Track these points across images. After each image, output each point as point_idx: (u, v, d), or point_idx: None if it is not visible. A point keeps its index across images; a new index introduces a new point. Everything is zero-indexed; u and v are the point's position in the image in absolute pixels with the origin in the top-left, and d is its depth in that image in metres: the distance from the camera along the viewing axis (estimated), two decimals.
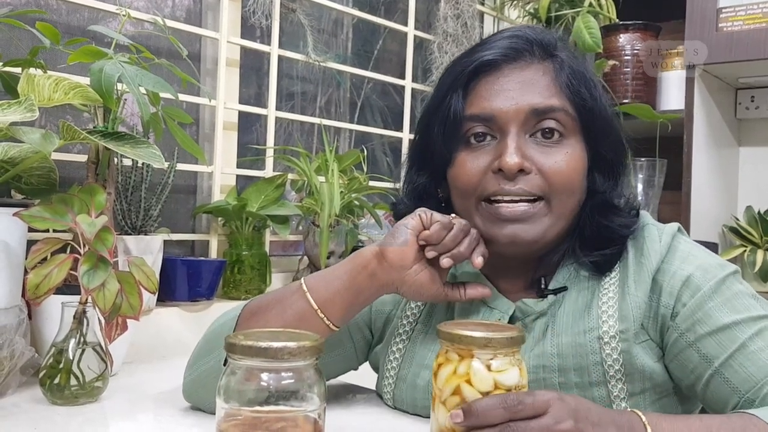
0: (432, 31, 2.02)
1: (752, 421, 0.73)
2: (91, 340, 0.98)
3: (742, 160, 2.12)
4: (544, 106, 0.86)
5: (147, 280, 0.97)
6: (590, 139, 0.89)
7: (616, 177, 0.91)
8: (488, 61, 0.88)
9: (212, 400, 0.90)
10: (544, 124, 0.86)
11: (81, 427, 0.90)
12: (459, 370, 0.66)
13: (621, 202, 0.91)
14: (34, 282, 0.92)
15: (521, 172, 0.84)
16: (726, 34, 1.79)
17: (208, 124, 1.65)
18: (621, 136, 0.92)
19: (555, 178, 0.85)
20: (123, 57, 1.08)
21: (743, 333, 0.80)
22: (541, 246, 0.87)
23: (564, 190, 0.86)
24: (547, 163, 0.85)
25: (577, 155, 0.87)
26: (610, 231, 0.89)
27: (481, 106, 0.87)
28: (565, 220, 0.87)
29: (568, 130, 0.87)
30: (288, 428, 0.59)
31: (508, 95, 0.86)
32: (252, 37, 1.70)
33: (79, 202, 0.97)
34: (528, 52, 0.88)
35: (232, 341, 0.59)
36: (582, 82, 0.88)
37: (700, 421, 0.73)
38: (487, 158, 0.87)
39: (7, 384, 0.99)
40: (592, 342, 0.85)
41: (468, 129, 0.88)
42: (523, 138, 0.86)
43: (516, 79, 0.87)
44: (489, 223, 0.87)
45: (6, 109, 0.91)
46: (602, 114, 0.89)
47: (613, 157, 0.90)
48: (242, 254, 1.50)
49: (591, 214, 0.89)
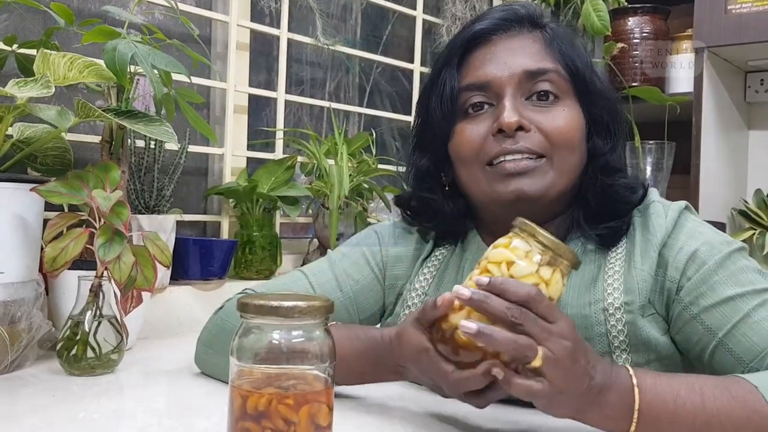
0: (441, 15, 2.03)
1: (738, 381, 0.74)
2: (107, 313, 1.00)
3: (751, 144, 2.12)
4: (537, 68, 0.88)
5: (161, 253, 0.99)
6: (585, 102, 0.91)
7: (614, 139, 0.92)
8: (480, 31, 0.91)
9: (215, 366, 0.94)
10: (539, 87, 0.88)
11: (97, 396, 0.92)
12: (543, 275, 0.70)
13: (624, 166, 0.92)
14: (51, 255, 0.94)
15: (521, 130, 0.86)
16: (735, 16, 1.78)
17: (219, 107, 1.66)
18: (615, 101, 0.94)
19: (555, 134, 0.87)
20: (136, 37, 1.10)
21: (747, 304, 0.81)
22: (546, 203, 0.88)
23: (565, 146, 0.87)
24: (545, 121, 0.87)
25: (574, 114, 0.89)
26: (614, 192, 0.90)
27: (475, 75, 0.89)
28: (567, 177, 0.88)
29: (562, 92, 0.89)
30: (299, 386, 0.60)
31: (500, 61, 0.89)
32: (261, 22, 1.71)
33: (94, 178, 1.00)
34: (518, 23, 0.92)
35: (244, 301, 0.60)
36: (572, 50, 0.91)
37: (685, 377, 0.75)
38: (487, 123, 0.88)
39: (26, 356, 1.01)
40: (597, 314, 0.86)
41: (465, 100, 0.90)
42: (519, 100, 0.88)
43: (508, 46, 0.90)
44: (495, 182, 0.87)
45: (23, 86, 0.93)
46: (594, 79, 0.91)
47: (609, 119, 0.92)
48: (253, 235, 1.52)
49: (594, 175, 0.90)
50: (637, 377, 0.72)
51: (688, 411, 0.71)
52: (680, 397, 0.72)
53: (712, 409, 0.71)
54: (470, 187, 0.91)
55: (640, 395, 0.71)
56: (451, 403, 0.89)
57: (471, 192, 0.91)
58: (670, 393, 0.72)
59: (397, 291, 1.00)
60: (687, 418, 0.71)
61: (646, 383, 0.72)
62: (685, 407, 0.71)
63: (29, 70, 1.08)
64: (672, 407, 0.71)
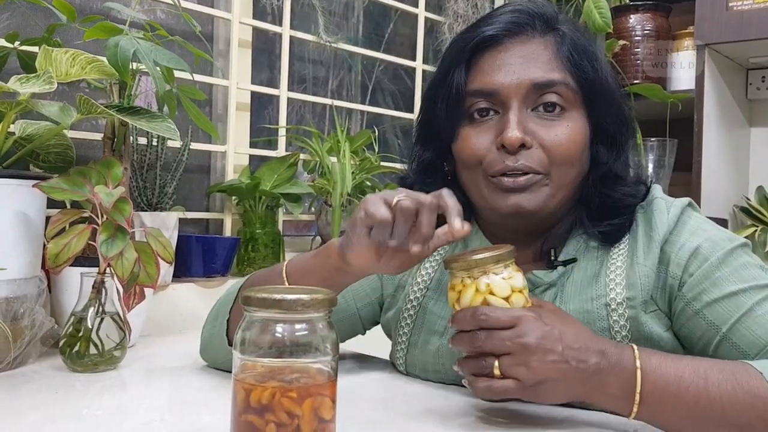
0: (443, 13, 2.03)
1: (744, 367, 0.74)
2: (110, 309, 1.00)
3: (753, 141, 2.11)
4: (546, 80, 0.87)
5: (163, 250, 0.99)
6: (592, 112, 0.90)
7: (619, 149, 0.91)
8: (490, 36, 0.89)
9: (219, 358, 0.98)
10: (546, 99, 0.87)
11: (100, 392, 0.92)
12: (480, 288, 0.77)
13: (627, 172, 0.92)
14: (54, 251, 0.94)
15: (523, 147, 0.86)
16: (736, 13, 1.78)
17: (221, 105, 1.67)
18: (624, 108, 0.93)
19: (555, 151, 0.86)
20: (138, 34, 1.10)
21: (750, 299, 0.81)
22: (544, 216, 0.88)
23: (563, 162, 0.87)
24: (548, 137, 0.86)
25: (579, 128, 0.88)
26: (614, 200, 0.90)
27: (483, 81, 0.88)
28: (565, 190, 0.88)
29: (569, 104, 0.88)
30: (302, 379, 0.60)
31: (509, 70, 0.87)
32: (263, 19, 1.71)
33: (96, 174, 1.00)
34: (530, 26, 0.90)
35: (248, 294, 0.60)
36: (584, 55, 0.89)
37: (690, 360, 0.76)
38: (491, 133, 0.88)
39: (28, 353, 1.01)
40: (600, 309, 0.86)
41: (471, 104, 0.89)
42: (524, 113, 0.87)
43: (518, 53, 0.88)
44: (494, 195, 0.88)
45: (25, 82, 0.93)
46: (604, 86, 0.90)
47: (616, 128, 0.91)
48: (256, 232, 1.53)
49: (595, 184, 0.90)
50: (641, 359, 0.74)
51: (691, 394, 0.72)
52: (684, 380, 0.73)
53: (715, 393, 0.72)
54: (471, 190, 0.91)
55: (642, 377, 0.73)
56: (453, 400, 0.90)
57: (471, 194, 0.92)
58: (674, 375, 0.73)
59: (397, 283, 1.00)
60: (689, 402, 0.72)
61: (651, 365, 0.74)
62: (689, 391, 0.72)
63: (31, 67, 1.08)
64: (675, 390, 0.73)
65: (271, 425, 0.58)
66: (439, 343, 0.94)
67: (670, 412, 0.73)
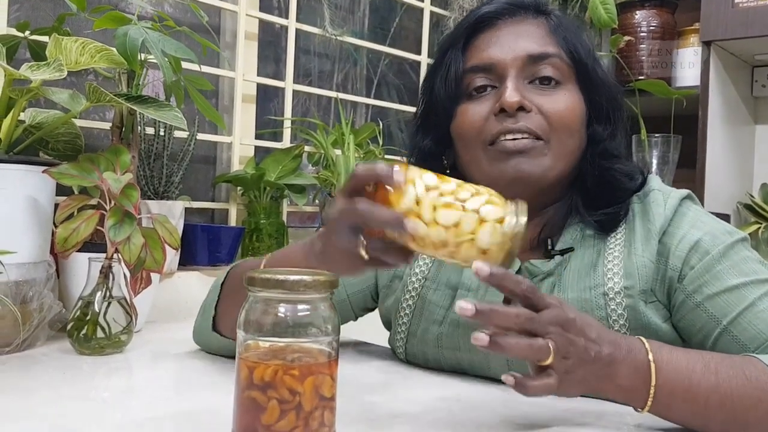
0: (448, 7, 2.04)
1: (752, 362, 0.74)
2: (117, 294, 1.02)
3: (758, 138, 2.12)
4: (540, 52, 0.90)
5: (170, 236, 1.01)
6: (586, 88, 0.92)
7: (613, 128, 0.93)
8: (486, 14, 0.93)
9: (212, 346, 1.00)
10: (542, 71, 0.90)
11: (107, 374, 0.94)
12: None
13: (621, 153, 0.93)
14: (63, 235, 0.96)
15: (522, 110, 0.87)
16: (742, 10, 1.79)
17: (227, 97, 1.68)
18: (616, 90, 0.95)
19: (555, 117, 0.88)
20: (146, 24, 1.11)
21: (751, 293, 0.82)
22: (544, 187, 0.89)
23: (564, 129, 0.88)
24: (547, 104, 0.88)
25: (575, 99, 0.91)
26: (611, 177, 0.91)
27: (479, 57, 0.91)
28: (565, 161, 0.89)
29: (564, 77, 0.91)
30: (304, 359, 0.62)
31: (504, 45, 0.91)
32: (270, 12, 1.72)
33: (105, 161, 1.01)
34: (523, 8, 0.94)
35: (251, 275, 0.62)
36: (576, 38, 0.93)
37: (700, 354, 0.75)
38: (489, 104, 0.90)
39: (36, 336, 1.03)
40: (597, 298, 0.87)
41: (469, 82, 0.91)
42: (521, 83, 0.89)
43: (512, 31, 0.92)
44: (495, 162, 0.88)
45: (36, 69, 0.95)
46: (596, 68, 0.93)
47: (609, 107, 0.93)
48: (260, 223, 1.54)
49: (592, 159, 0.91)
50: (653, 352, 0.72)
51: (702, 390, 0.72)
52: (695, 375, 0.72)
53: (726, 389, 0.72)
54: (471, 168, 0.92)
55: (656, 372, 0.71)
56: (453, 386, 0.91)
57: (472, 174, 0.92)
58: (686, 370, 0.72)
59: (392, 272, 1.01)
60: (701, 397, 0.72)
61: (662, 358, 0.72)
62: (700, 386, 0.72)
63: (41, 56, 1.10)
64: (687, 385, 0.72)
65: (274, 401, 0.59)
66: (438, 332, 0.95)
67: (681, 405, 0.72)
